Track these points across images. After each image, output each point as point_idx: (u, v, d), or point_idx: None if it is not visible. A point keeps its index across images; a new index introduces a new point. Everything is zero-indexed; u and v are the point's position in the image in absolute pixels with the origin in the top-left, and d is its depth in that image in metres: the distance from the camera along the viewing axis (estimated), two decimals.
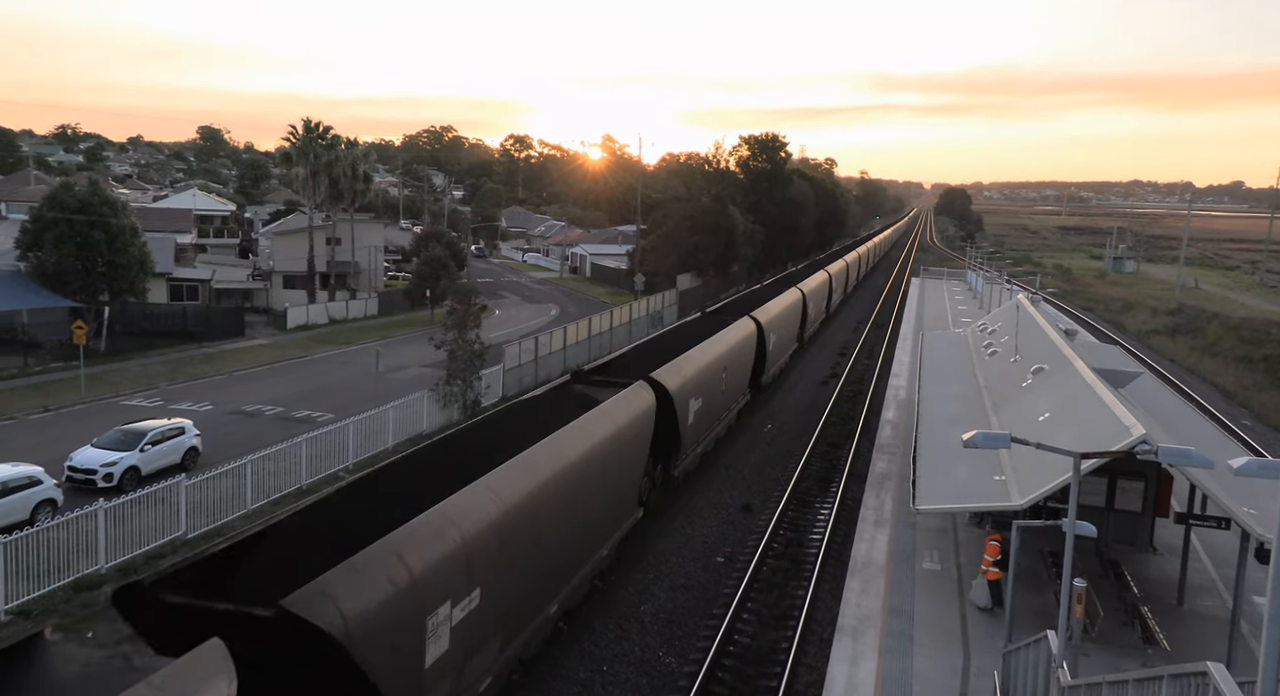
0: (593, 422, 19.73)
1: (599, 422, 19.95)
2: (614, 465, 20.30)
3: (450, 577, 13.23)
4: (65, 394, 37.97)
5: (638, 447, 22.43)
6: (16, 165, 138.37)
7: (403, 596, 12.03)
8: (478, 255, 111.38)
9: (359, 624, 11.08)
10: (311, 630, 10.64)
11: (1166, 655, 17.62)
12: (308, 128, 67.12)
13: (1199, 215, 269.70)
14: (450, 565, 13.23)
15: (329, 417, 34.25)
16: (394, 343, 53.82)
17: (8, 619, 18.90)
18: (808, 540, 25.45)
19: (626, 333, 54.35)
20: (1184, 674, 9.70)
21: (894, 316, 70.84)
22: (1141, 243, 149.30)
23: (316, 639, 10.72)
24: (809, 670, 18.35)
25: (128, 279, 47.23)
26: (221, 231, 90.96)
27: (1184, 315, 74.77)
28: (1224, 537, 22.15)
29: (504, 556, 14.86)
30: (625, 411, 21.62)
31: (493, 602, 14.59)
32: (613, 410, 21.13)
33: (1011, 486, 19.31)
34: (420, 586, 12.44)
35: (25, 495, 23.34)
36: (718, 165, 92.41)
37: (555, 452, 17.56)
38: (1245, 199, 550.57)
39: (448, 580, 13.17)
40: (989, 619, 19.37)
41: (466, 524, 13.92)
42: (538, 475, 16.53)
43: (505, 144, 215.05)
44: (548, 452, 17.35)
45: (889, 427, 34.69)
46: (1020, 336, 32.88)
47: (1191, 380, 50.67)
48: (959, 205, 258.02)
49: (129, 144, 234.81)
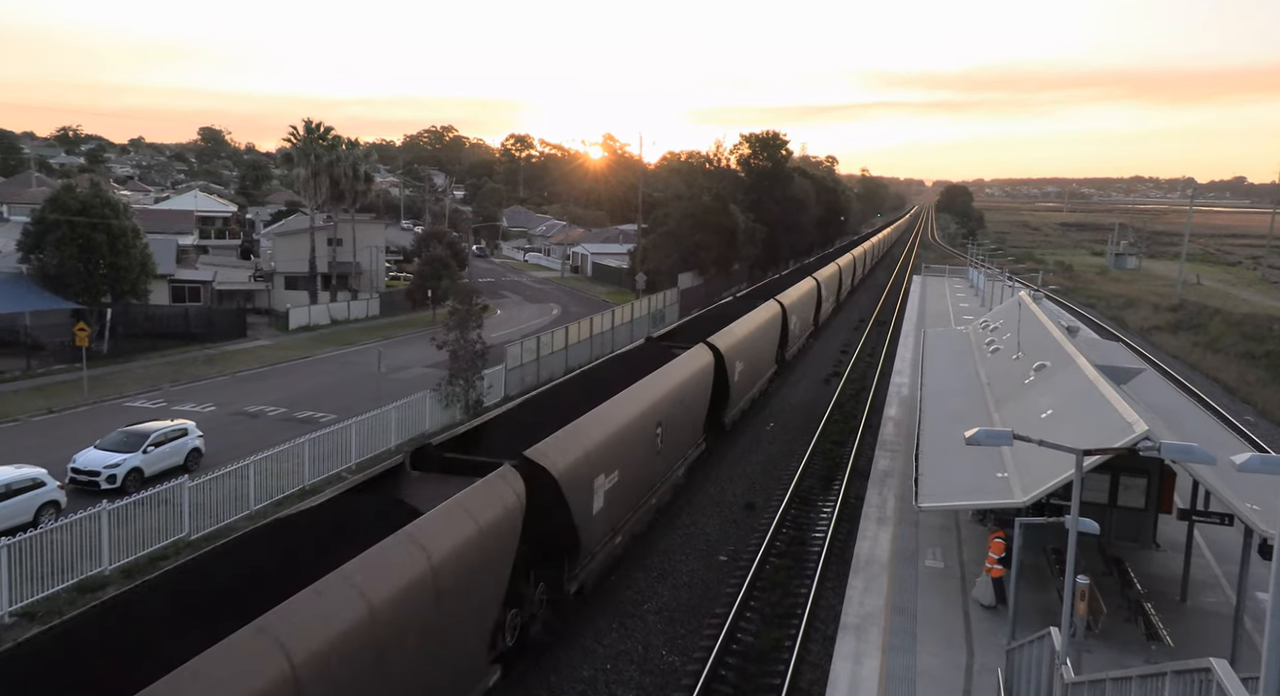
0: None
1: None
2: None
3: (606, 458, 19.68)
4: (68, 395, 38.02)
5: None
6: (18, 167, 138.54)
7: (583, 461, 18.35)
8: (479, 255, 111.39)
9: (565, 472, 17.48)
10: (541, 471, 16.82)
11: (1170, 651, 17.61)
12: (309, 128, 67.16)
13: (1201, 211, 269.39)
14: (604, 448, 19.63)
15: (331, 418, 34.28)
16: (396, 343, 53.85)
17: (12, 621, 18.93)
18: (810, 538, 25.45)
19: (628, 332, 54.36)
20: (1187, 670, 9.70)
21: (896, 314, 70.81)
22: (1143, 239, 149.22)
23: (543, 476, 16.80)
24: (812, 668, 18.36)
25: (130, 280, 47.26)
26: (223, 232, 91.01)
27: (1186, 311, 74.68)
28: (1227, 533, 22.16)
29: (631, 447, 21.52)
30: None
31: (625, 479, 20.92)
32: None
33: (1014, 483, 19.30)
34: (592, 457, 18.90)
35: (29, 497, 23.38)
36: (719, 163, 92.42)
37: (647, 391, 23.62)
38: (1247, 194, 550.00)
39: (604, 459, 19.57)
40: (992, 616, 19.37)
41: (611, 424, 20.35)
42: (643, 402, 22.88)
43: (506, 143, 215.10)
44: (643, 390, 23.34)
45: (891, 425, 34.68)
46: (1022, 333, 32.85)
47: (1194, 376, 50.64)
48: (960, 202, 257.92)
49: (130, 145, 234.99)
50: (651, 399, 23.69)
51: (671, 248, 75.71)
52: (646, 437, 23.06)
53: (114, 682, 9.17)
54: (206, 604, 11.18)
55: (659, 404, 24.05)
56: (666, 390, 25.01)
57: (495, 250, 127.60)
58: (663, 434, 24.42)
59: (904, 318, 64.91)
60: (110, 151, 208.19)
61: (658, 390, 24.39)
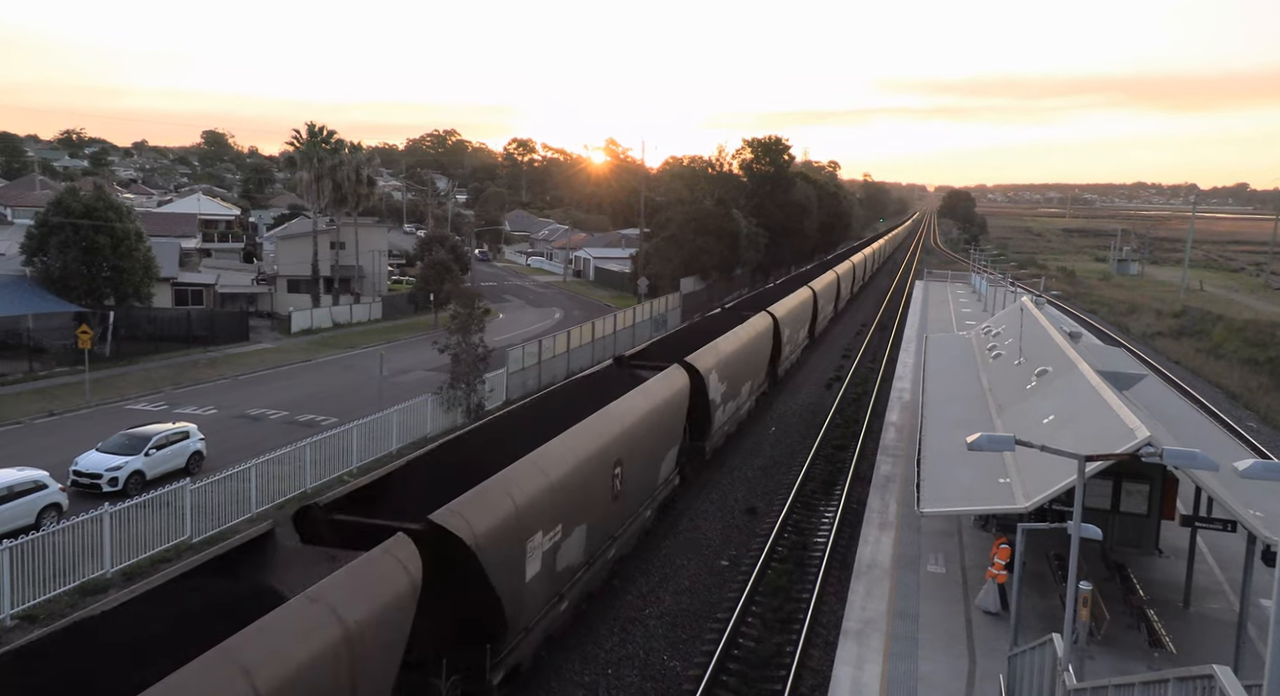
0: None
1: None
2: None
3: (544, 512, 16.69)
4: (70, 398, 38.06)
5: None
6: (22, 170, 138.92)
7: (511, 519, 15.33)
8: (481, 259, 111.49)
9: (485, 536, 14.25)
10: (451, 538, 13.58)
11: (1173, 658, 17.57)
12: (312, 132, 67.31)
13: (1203, 217, 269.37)
14: (543, 499, 16.66)
15: (333, 421, 34.29)
16: (398, 346, 53.88)
17: (14, 623, 18.93)
18: (812, 543, 25.42)
19: (630, 336, 54.37)
20: (1190, 677, 9.67)
21: (898, 319, 70.79)
22: (1146, 245, 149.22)
23: (455, 545, 13.64)
24: (814, 673, 18.31)
25: (132, 283, 47.37)
26: (226, 236, 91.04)
27: (1189, 317, 74.62)
28: (1230, 540, 22.12)
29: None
30: None
31: (572, 534, 18.21)
32: None
33: (1016, 489, 19.27)
34: (525, 514, 15.86)
35: (31, 499, 23.38)
36: (721, 168, 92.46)
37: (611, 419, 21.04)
38: (1250, 201, 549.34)
39: (542, 513, 16.57)
40: (994, 622, 19.33)
41: (554, 469, 17.40)
42: (599, 438, 19.96)
43: (508, 148, 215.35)
44: (599, 424, 20.39)
45: (893, 430, 34.66)
46: (1024, 339, 32.83)
47: (1196, 382, 50.57)
48: (962, 208, 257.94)
49: (134, 149, 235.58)
50: (610, 434, 20.29)
51: (674, 252, 75.77)
52: (601, 481, 19.66)
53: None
54: None
55: (619, 439, 20.67)
56: (630, 422, 21.58)
57: (497, 254, 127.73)
58: (623, 473, 21.00)
59: (906, 323, 64.90)
60: (114, 155, 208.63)
61: (618, 423, 20.98)
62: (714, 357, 30.07)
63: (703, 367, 28.35)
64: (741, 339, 34.74)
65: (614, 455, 20.30)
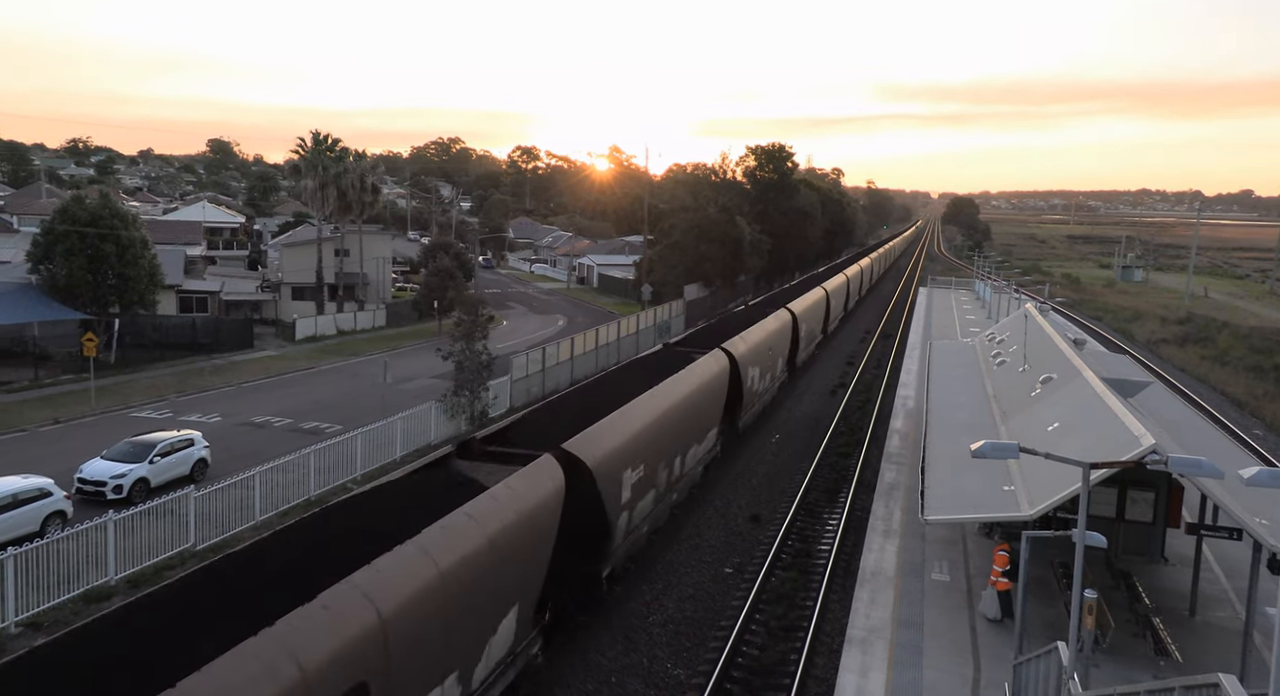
0: None
1: None
2: None
3: (633, 453, 21.09)
4: (75, 406, 38.14)
5: None
6: (28, 178, 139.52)
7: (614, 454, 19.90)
8: (485, 266, 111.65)
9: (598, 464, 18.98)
10: (578, 463, 18.26)
11: (1178, 666, 17.50)
12: (316, 140, 67.47)
13: (1208, 224, 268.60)
14: (632, 444, 21.06)
15: (337, 429, 34.32)
16: (402, 354, 53.94)
17: (18, 631, 18.95)
18: (816, 550, 25.36)
19: (634, 343, 54.39)
20: (1196, 685, 9.65)
21: (902, 326, 70.73)
22: (1150, 251, 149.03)
23: (579, 468, 18.27)
24: (818, 681, 18.26)
25: (138, 291, 47.44)
26: (231, 243, 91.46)
27: (1194, 324, 74.49)
28: (1236, 548, 22.03)
29: None
30: None
31: (649, 474, 22.44)
32: None
33: (1021, 497, 19.24)
34: (621, 452, 20.33)
35: (35, 507, 23.42)
36: (724, 175, 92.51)
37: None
38: (1254, 207, 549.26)
39: (631, 454, 20.97)
40: (999, 630, 19.27)
41: (636, 422, 21.76)
42: (664, 402, 24.06)
43: (512, 155, 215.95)
44: (663, 392, 24.52)
45: (897, 437, 34.61)
46: (1029, 346, 32.80)
47: (1202, 389, 50.44)
48: (966, 214, 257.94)
49: (139, 157, 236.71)
50: (671, 400, 24.63)
51: (677, 259, 75.77)
52: (670, 435, 24.24)
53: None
54: (328, 546, 13.26)
55: (678, 405, 24.96)
56: (685, 392, 25.83)
57: (501, 261, 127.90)
58: (685, 432, 25.72)
59: (910, 330, 64.85)
60: (120, 163, 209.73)
61: (676, 392, 25.28)
62: (745, 345, 34.06)
63: (738, 353, 32.24)
64: (767, 330, 38.91)
65: (677, 415, 24.69)
